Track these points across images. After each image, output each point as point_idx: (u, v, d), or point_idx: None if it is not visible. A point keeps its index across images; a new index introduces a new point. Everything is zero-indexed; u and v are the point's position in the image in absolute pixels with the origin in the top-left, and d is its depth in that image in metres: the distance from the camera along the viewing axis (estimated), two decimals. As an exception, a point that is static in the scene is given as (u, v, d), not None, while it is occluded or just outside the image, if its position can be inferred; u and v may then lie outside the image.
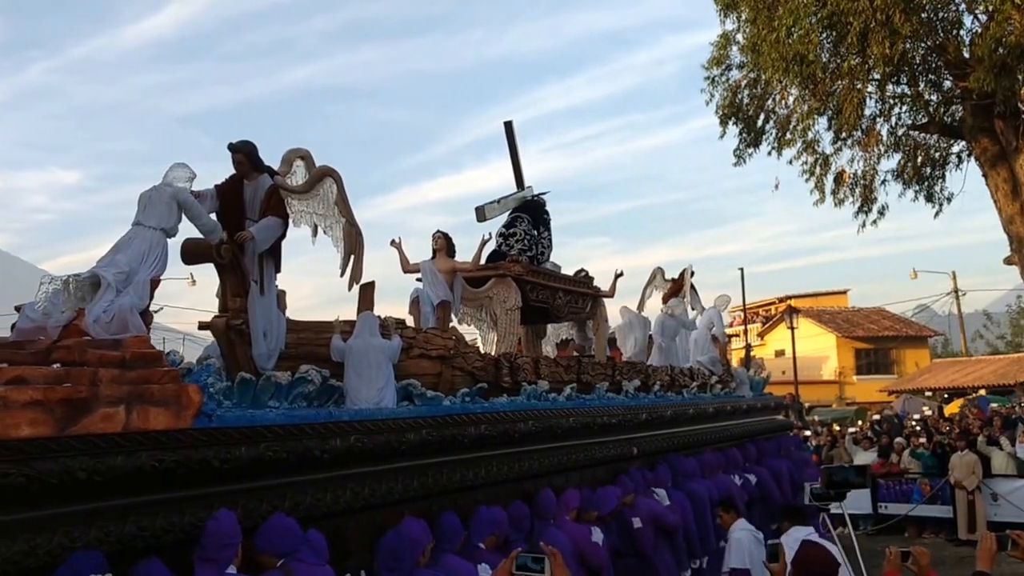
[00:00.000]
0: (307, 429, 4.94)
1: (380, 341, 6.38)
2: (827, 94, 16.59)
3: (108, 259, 4.98)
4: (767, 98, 18.38)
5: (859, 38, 14.81)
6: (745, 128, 18.76)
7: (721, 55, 18.42)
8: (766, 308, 49.99)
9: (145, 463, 3.71)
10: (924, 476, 15.77)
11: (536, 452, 7.36)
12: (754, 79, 18.18)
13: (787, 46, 15.54)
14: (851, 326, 43.61)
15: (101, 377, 3.78)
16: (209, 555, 3.95)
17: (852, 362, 42.41)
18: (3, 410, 3.32)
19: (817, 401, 35.88)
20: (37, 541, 3.31)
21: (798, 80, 16.19)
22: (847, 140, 17.95)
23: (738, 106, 18.57)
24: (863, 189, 18.05)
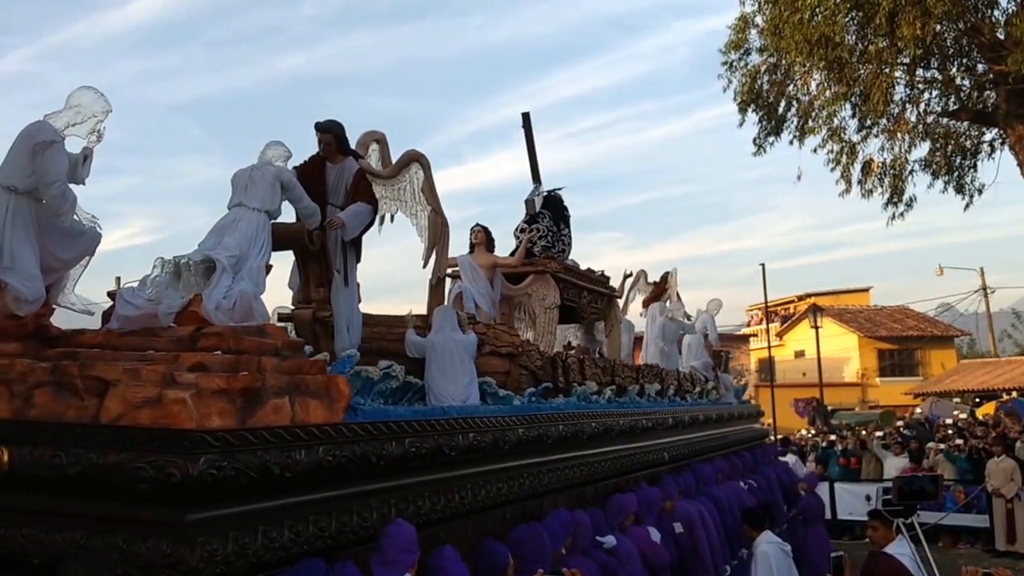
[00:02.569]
0: (439, 425, 5.10)
1: (461, 336, 6.43)
2: (853, 79, 16.55)
3: (213, 241, 4.97)
4: (789, 83, 18.31)
5: (888, 19, 14.87)
6: (765, 115, 18.71)
7: (740, 39, 18.31)
8: (785, 307, 50.13)
9: (323, 458, 3.84)
10: (958, 483, 16.07)
11: (614, 453, 7.83)
12: (775, 63, 18.11)
13: (811, 28, 15.54)
14: (874, 326, 43.55)
15: (264, 366, 3.85)
16: (389, 558, 4.08)
17: (875, 363, 42.34)
18: (197, 399, 3.39)
19: (839, 404, 35.90)
20: (245, 540, 3.43)
21: (822, 64, 16.20)
22: (874, 128, 17.98)
23: (758, 92, 18.48)
24: (892, 179, 18.09)
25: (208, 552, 3.21)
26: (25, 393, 3.68)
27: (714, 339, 15.01)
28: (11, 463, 3.44)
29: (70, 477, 3.34)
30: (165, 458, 3.20)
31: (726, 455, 11.97)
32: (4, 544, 3.47)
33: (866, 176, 18.22)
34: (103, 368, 3.60)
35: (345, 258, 6.38)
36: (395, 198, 7.22)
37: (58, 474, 3.35)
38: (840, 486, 16.82)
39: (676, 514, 8.33)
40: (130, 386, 3.46)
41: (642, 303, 13.49)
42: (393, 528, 4.17)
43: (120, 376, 3.51)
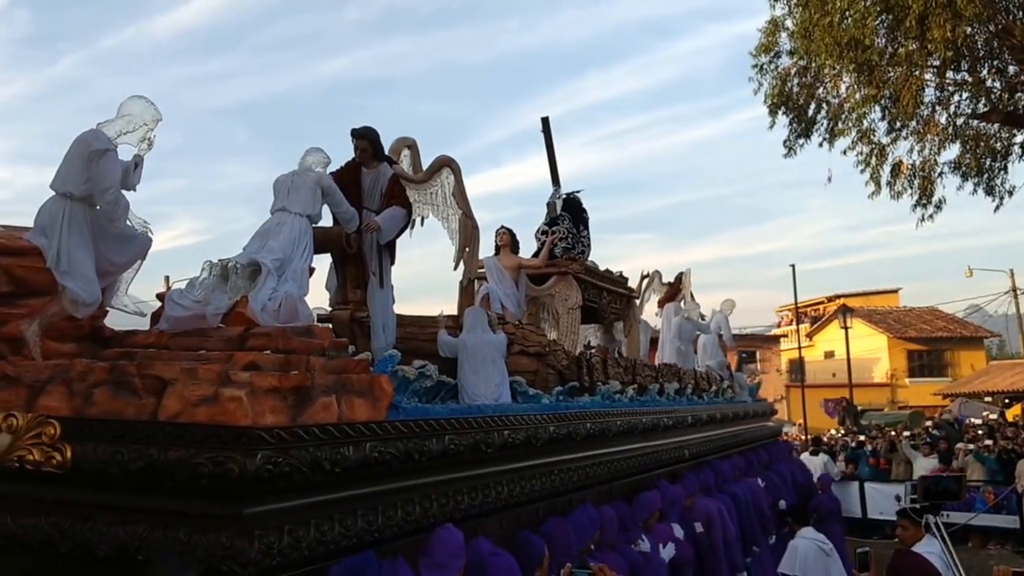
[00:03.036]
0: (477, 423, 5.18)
1: (492, 336, 6.52)
2: (883, 81, 16.55)
3: (258, 245, 5.12)
4: (819, 86, 18.28)
5: (918, 21, 14.81)
6: (795, 118, 18.71)
7: (770, 42, 18.36)
8: (814, 307, 50.09)
9: (369, 454, 3.94)
10: (987, 484, 16.05)
11: (638, 450, 7.93)
12: (805, 66, 18.06)
13: (841, 31, 15.60)
14: (903, 327, 43.64)
15: (313, 365, 3.96)
16: (439, 562, 4.16)
17: (904, 364, 42.46)
18: (252, 397, 3.50)
19: (868, 404, 35.90)
20: (298, 533, 3.53)
21: (852, 66, 16.21)
22: (903, 130, 17.93)
23: (788, 95, 18.48)
24: (922, 181, 18.01)
25: (266, 544, 3.31)
26: (85, 392, 3.80)
27: (728, 339, 15.18)
28: (73, 459, 3.55)
29: (132, 472, 3.46)
30: (223, 454, 3.31)
31: (742, 452, 12.16)
32: (69, 538, 3.57)
33: (895, 178, 18.18)
34: (161, 367, 3.72)
35: (380, 260, 6.52)
36: (427, 202, 7.39)
37: (120, 470, 3.47)
38: (870, 486, 16.85)
39: (696, 511, 8.49)
40: (187, 385, 3.58)
41: (657, 303, 13.68)
42: (444, 533, 4.27)
43: (177, 375, 3.64)
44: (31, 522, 3.65)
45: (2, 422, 3.72)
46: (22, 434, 3.66)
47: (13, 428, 3.68)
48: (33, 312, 4.26)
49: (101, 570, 3.47)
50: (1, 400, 3.95)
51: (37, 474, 3.63)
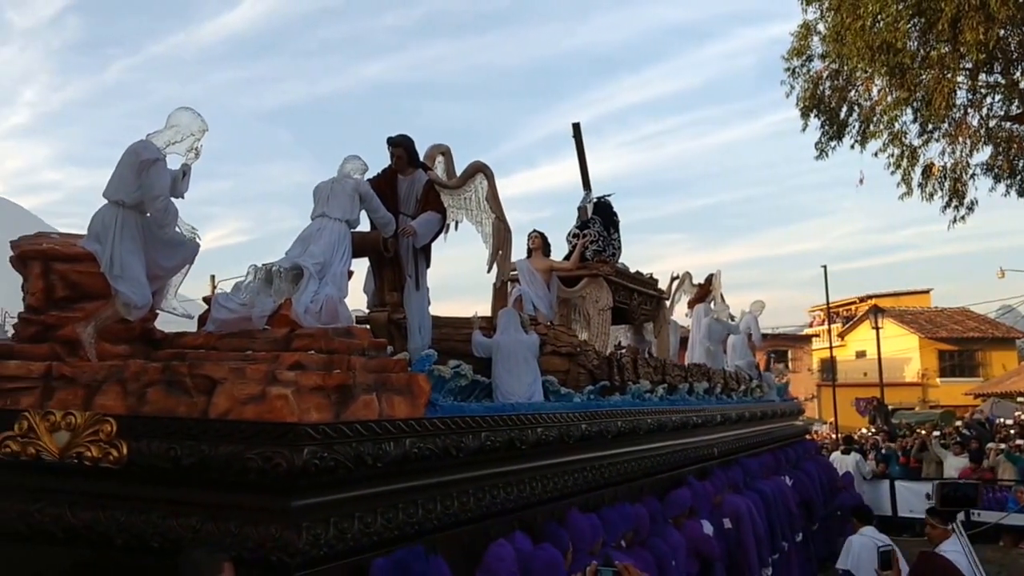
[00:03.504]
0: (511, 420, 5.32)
1: (525, 337, 6.64)
2: (915, 84, 16.58)
3: (299, 250, 5.27)
4: (851, 89, 18.32)
5: (951, 24, 14.84)
6: (827, 120, 18.72)
7: (802, 45, 18.39)
8: (846, 308, 49.88)
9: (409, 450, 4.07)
10: (1019, 483, 15.92)
11: (668, 448, 8.10)
12: (837, 69, 18.13)
13: (873, 34, 15.65)
14: (934, 327, 43.47)
15: (354, 365, 4.09)
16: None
17: (935, 364, 42.31)
18: (297, 395, 3.63)
19: (899, 403, 35.83)
20: (344, 525, 3.66)
21: (884, 69, 16.24)
22: (935, 132, 17.90)
23: (820, 98, 18.52)
24: (953, 183, 17.99)
25: (313, 536, 3.44)
26: (138, 391, 3.96)
27: (757, 339, 15.26)
28: (129, 455, 3.69)
29: (185, 468, 3.60)
30: (271, 450, 3.45)
31: (771, 451, 12.27)
32: (125, 530, 3.71)
33: (927, 180, 18.15)
34: (211, 367, 3.87)
35: (416, 264, 6.66)
36: (461, 207, 7.50)
37: (173, 465, 3.62)
38: (901, 484, 16.74)
39: (725, 508, 8.57)
40: (236, 384, 3.74)
41: (687, 304, 13.73)
42: (501, 550, 4.43)
43: (227, 375, 3.79)
44: (89, 515, 3.79)
45: (61, 420, 3.88)
46: (80, 431, 3.82)
47: (72, 426, 3.84)
48: (88, 315, 4.41)
49: (155, 561, 3.59)
50: (59, 399, 4.11)
51: (94, 469, 3.78)
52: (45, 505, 3.91)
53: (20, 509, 3.95)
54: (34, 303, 4.50)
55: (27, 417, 3.97)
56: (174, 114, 4.76)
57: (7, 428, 4.00)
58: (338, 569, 3.60)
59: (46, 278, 4.49)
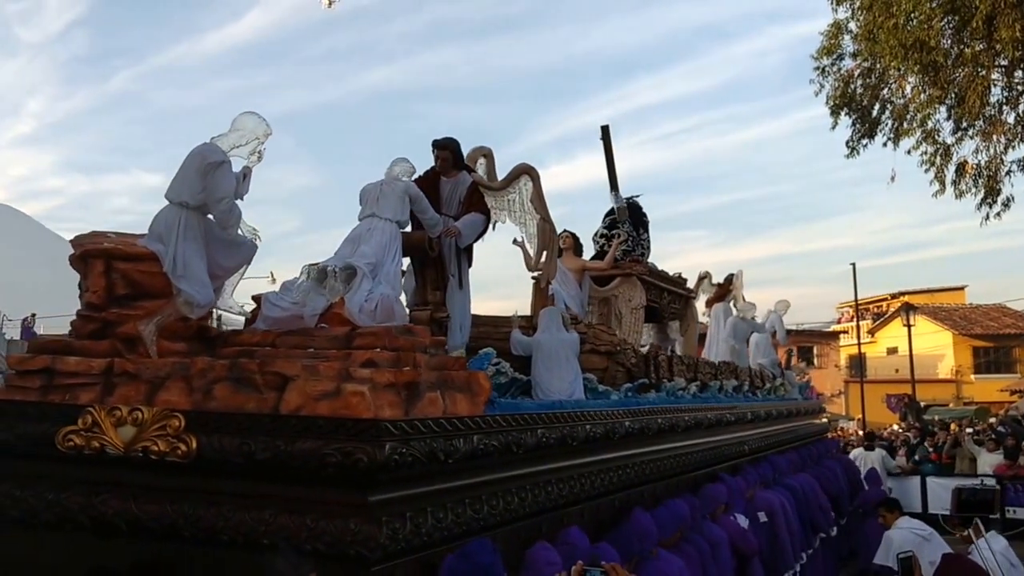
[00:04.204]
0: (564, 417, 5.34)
1: (566, 335, 6.67)
2: (948, 82, 16.46)
3: (349, 250, 5.35)
4: (883, 87, 18.25)
5: (985, 22, 14.70)
6: (859, 119, 18.61)
7: (832, 44, 18.23)
8: (877, 304, 49.67)
9: (476, 446, 4.10)
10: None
11: (702, 444, 8.10)
12: (868, 68, 18.02)
13: (906, 32, 15.55)
14: (968, 323, 43.44)
15: (419, 362, 4.14)
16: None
17: (970, 360, 42.27)
18: (373, 392, 3.68)
19: (933, 400, 35.80)
20: (419, 520, 3.71)
21: (917, 68, 16.13)
22: (969, 130, 17.78)
23: (851, 96, 18.37)
24: (987, 180, 17.79)
25: (392, 530, 3.49)
26: (205, 388, 4.02)
27: (782, 338, 15.44)
28: (198, 450, 3.73)
29: (258, 462, 3.64)
30: (351, 445, 3.49)
31: (796, 448, 12.45)
32: (193, 523, 3.75)
33: (960, 177, 17.98)
34: (283, 364, 3.93)
35: (459, 263, 6.73)
36: (504, 208, 7.53)
37: (247, 460, 3.66)
38: (933, 480, 16.62)
39: (758, 503, 8.61)
40: (309, 380, 3.79)
41: (705, 303, 13.78)
42: (546, 554, 4.41)
43: (299, 372, 3.85)
44: (154, 508, 3.84)
45: (127, 415, 3.93)
46: (147, 426, 3.87)
47: (138, 421, 3.89)
48: (149, 313, 4.47)
49: (224, 553, 3.64)
50: (121, 395, 4.19)
51: (161, 463, 3.83)
52: (109, 498, 3.96)
53: (83, 501, 4.00)
54: (95, 300, 4.55)
55: (91, 412, 4.02)
56: (239, 118, 4.83)
57: (70, 423, 4.04)
58: (412, 564, 3.64)
59: (107, 276, 4.54)
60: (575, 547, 4.72)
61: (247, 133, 4.82)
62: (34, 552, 4.09)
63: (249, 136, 4.82)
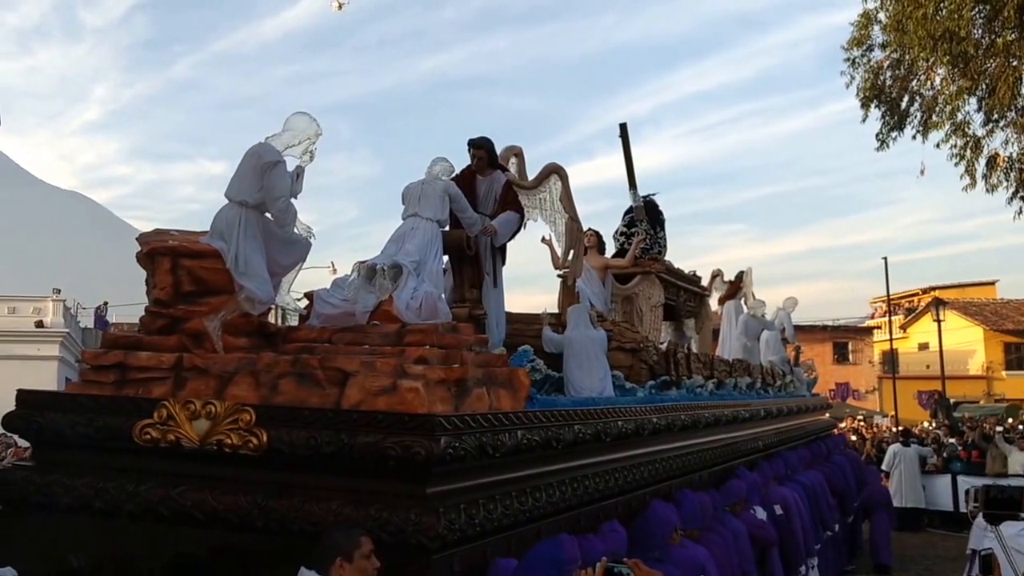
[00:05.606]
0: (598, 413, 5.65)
1: (595, 333, 6.97)
2: (979, 73, 16.51)
3: (394, 248, 5.65)
4: (912, 79, 18.20)
5: (1017, 11, 14.83)
6: (888, 111, 18.59)
7: (862, 35, 18.24)
8: (909, 299, 49.58)
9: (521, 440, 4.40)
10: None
11: (721, 440, 8.50)
12: (898, 59, 17.98)
13: (935, 23, 15.59)
14: (1000, 319, 43.29)
15: (466, 359, 4.45)
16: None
17: (1001, 356, 42.23)
18: (427, 388, 3.98)
19: (963, 397, 35.76)
20: (472, 511, 3.98)
21: (947, 59, 16.15)
22: (1000, 121, 17.81)
23: (880, 88, 18.37)
24: (1019, 173, 17.75)
25: (448, 520, 3.80)
26: (271, 382, 4.38)
27: (791, 335, 15.92)
28: (269, 443, 4.07)
29: (325, 455, 3.98)
30: (410, 439, 3.81)
31: (806, 444, 12.82)
32: (265, 514, 4.05)
33: (991, 171, 17.95)
34: (343, 361, 4.28)
35: (494, 261, 7.02)
36: (535, 206, 7.83)
37: (314, 453, 3.99)
38: (963, 479, 16.82)
39: (773, 497, 8.90)
40: (367, 376, 4.14)
41: (718, 301, 14.13)
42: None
43: (358, 368, 4.20)
44: (230, 499, 4.14)
45: (201, 409, 4.27)
46: (220, 420, 4.21)
47: (212, 415, 4.23)
48: (212, 309, 4.82)
49: (295, 542, 3.91)
50: (191, 389, 4.55)
51: (234, 456, 4.16)
52: (186, 489, 4.25)
53: (161, 493, 4.29)
54: (163, 297, 4.89)
55: (166, 406, 4.34)
56: (291, 118, 5.17)
57: (146, 416, 4.37)
58: (466, 553, 3.93)
59: (174, 273, 4.87)
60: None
61: (299, 133, 5.17)
62: (117, 542, 4.38)
63: (301, 136, 5.17)
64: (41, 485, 4.59)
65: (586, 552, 4.35)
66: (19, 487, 4.67)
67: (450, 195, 6.20)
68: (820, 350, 45.70)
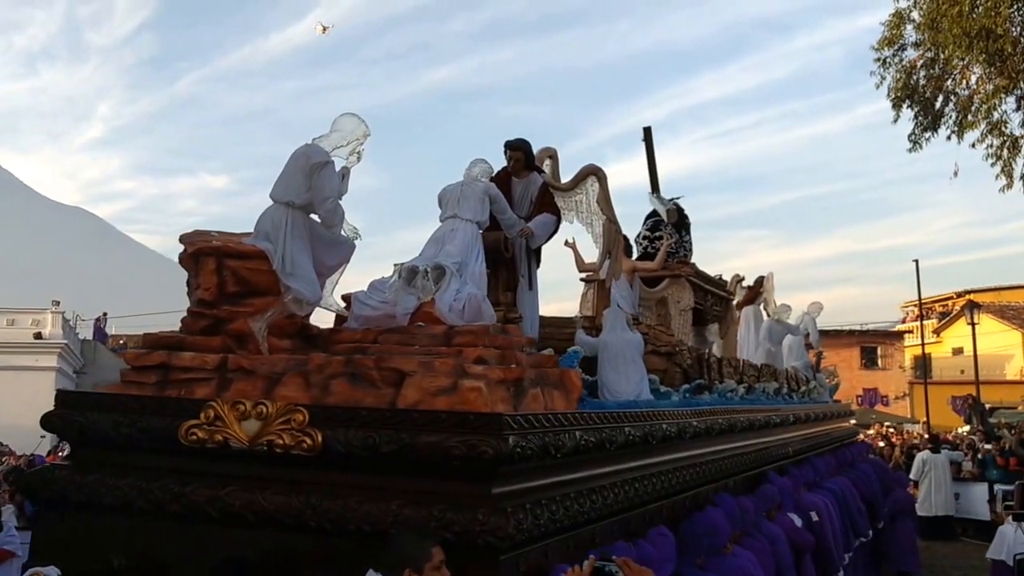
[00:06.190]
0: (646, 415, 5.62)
1: (632, 336, 6.89)
2: (1016, 71, 16.38)
3: (434, 250, 5.63)
4: (946, 78, 18.08)
5: (1057, 7, 14.67)
6: (921, 111, 18.41)
7: (894, 34, 18.04)
8: (943, 303, 49.27)
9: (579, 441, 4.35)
10: None
11: (754, 445, 8.35)
12: (931, 58, 17.86)
13: (971, 20, 15.49)
14: (1038, 322, 42.74)
15: (520, 359, 4.42)
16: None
17: (1039, 361, 41.61)
18: (489, 388, 3.96)
19: (1000, 402, 35.41)
20: (536, 511, 3.91)
21: (983, 57, 16.05)
22: (1038, 121, 17.71)
23: (913, 88, 18.19)
24: None
25: (517, 521, 3.74)
26: (322, 383, 4.33)
27: (815, 340, 15.91)
28: (323, 443, 4.02)
29: (383, 455, 3.92)
30: (476, 438, 3.76)
31: (832, 450, 12.63)
32: (320, 514, 3.99)
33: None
34: (400, 361, 4.23)
35: (529, 264, 7.02)
36: (571, 208, 7.84)
37: (372, 452, 3.93)
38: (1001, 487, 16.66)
39: (804, 503, 8.81)
40: (426, 376, 4.08)
41: (736, 305, 13.96)
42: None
43: (416, 368, 4.15)
44: (281, 499, 4.08)
45: (251, 410, 4.21)
46: (271, 421, 4.14)
47: (263, 415, 4.17)
48: (257, 310, 4.78)
49: (351, 543, 3.88)
50: (238, 390, 4.50)
51: (285, 456, 4.11)
52: (235, 490, 4.19)
53: (209, 494, 4.23)
54: (207, 297, 4.85)
55: (214, 406, 4.28)
56: (339, 119, 5.14)
57: (192, 417, 4.30)
58: (532, 554, 3.88)
59: (219, 274, 4.83)
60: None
61: (347, 134, 5.15)
62: (160, 542, 4.34)
63: (349, 137, 5.15)
64: (82, 485, 4.53)
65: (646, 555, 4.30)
66: (60, 486, 4.61)
67: (490, 196, 6.19)
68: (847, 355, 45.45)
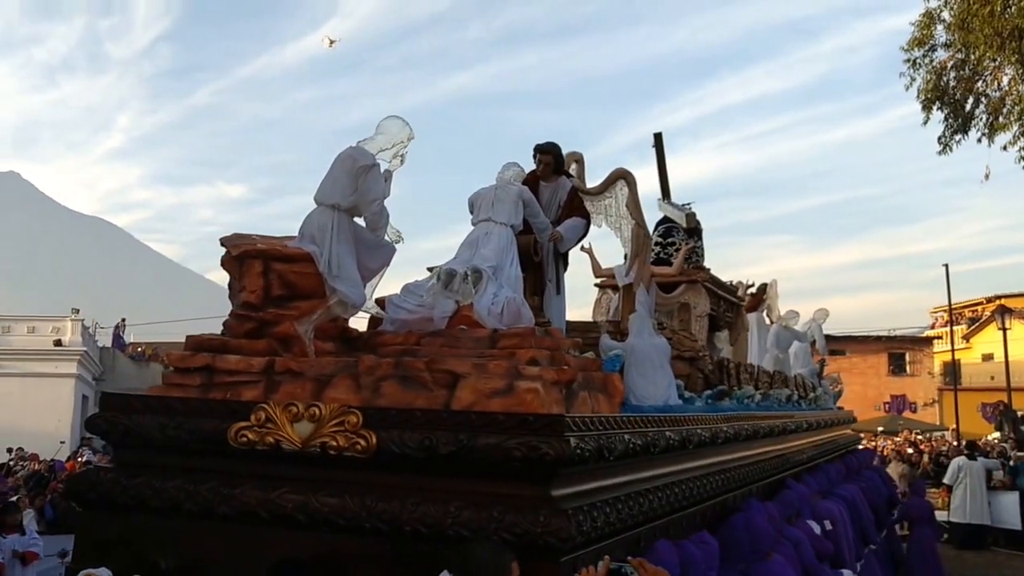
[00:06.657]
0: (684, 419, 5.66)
1: (658, 341, 6.86)
2: (1049, 73, 16.24)
3: (469, 254, 5.70)
4: (977, 79, 18.01)
5: (1091, 8, 14.59)
6: (951, 113, 18.22)
7: (924, 35, 17.78)
8: (972, 309, 48.98)
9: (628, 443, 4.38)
10: None
11: (773, 452, 8.49)
12: (962, 59, 17.79)
13: (1003, 20, 15.37)
14: (1072, 328, 42.27)
15: (569, 362, 4.47)
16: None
17: (1073, 367, 41.22)
18: (545, 389, 3.99)
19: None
20: (593, 514, 3.96)
21: (1015, 58, 15.86)
22: (1070, 123, 17.59)
23: (943, 89, 17.89)
24: None
25: (578, 522, 3.77)
26: (372, 385, 4.36)
27: (822, 347, 16.21)
28: (378, 445, 4.04)
29: (441, 456, 3.94)
30: (536, 439, 3.78)
31: (839, 457, 12.88)
32: (375, 515, 4.01)
33: (1062, 175, 17.69)
34: (453, 363, 4.26)
35: (557, 268, 7.08)
36: (599, 212, 7.90)
37: (429, 454, 3.96)
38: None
39: (820, 510, 8.81)
40: (480, 378, 4.11)
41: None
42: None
43: (470, 370, 4.19)
44: (335, 501, 4.11)
45: (304, 412, 4.24)
46: (324, 423, 4.17)
47: (316, 417, 4.20)
48: (303, 313, 4.82)
49: (407, 545, 3.91)
50: (286, 392, 4.54)
51: (338, 458, 4.14)
52: (286, 491, 4.21)
53: (260, 496, 4.25)
54: (253, 300, 4.90)
55: (265, 408, 4.31)
56: (383, 122, 5.18)
57: (241, 419, 4.34)
58: (589, 556, 3.87)
59: (265, 277, 4.89)
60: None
61: (392, 137, 5.19)
62: (209, 544, 4.35)
63: (395, 139, 5.19)
64: (128, 487, 4.57)
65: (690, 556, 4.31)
66: (106, 488, 4.64)
67: (524, 200, 6.25)
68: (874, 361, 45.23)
